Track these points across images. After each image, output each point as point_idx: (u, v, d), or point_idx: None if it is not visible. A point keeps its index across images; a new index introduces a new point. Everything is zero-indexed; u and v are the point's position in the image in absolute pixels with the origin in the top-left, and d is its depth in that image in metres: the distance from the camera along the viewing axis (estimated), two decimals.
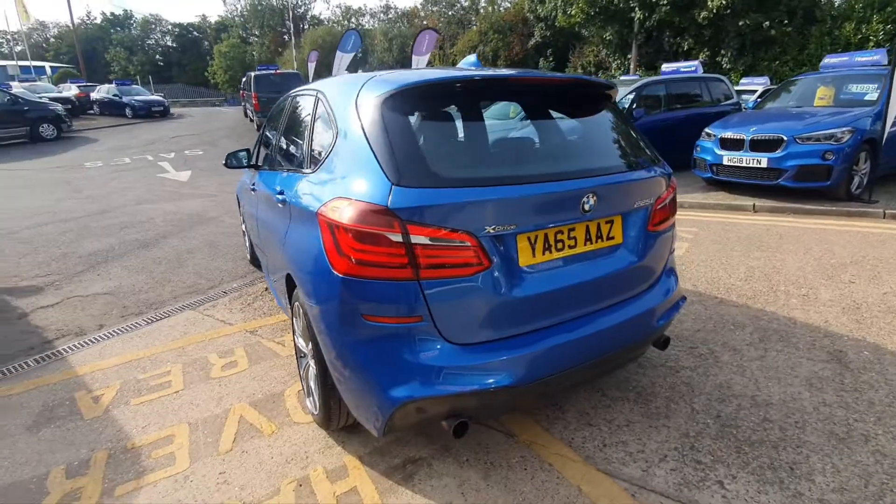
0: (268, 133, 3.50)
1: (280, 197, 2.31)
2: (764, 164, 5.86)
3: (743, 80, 12.26)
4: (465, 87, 1.86)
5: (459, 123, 1.90)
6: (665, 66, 9.03)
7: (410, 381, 1.61)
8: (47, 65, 33.72)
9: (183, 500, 1.92)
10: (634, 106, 7.53)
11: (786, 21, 14.38)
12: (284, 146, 2.74)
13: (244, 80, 20.12)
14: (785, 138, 5.67)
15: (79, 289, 4.34)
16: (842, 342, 2.85)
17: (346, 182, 1.71)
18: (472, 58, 2.12)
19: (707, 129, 6.70)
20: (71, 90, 21.70)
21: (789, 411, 2.26)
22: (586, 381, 2.35)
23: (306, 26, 48.74)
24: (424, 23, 34.26)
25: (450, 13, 34.65)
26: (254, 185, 3.30)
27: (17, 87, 17.83)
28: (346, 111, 1.84)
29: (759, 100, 7.64)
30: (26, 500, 1.95)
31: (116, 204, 7.75)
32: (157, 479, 2.03)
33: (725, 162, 6.29)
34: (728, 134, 6.26)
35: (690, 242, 4.87)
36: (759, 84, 10.38)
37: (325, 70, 21.42)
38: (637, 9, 15.98)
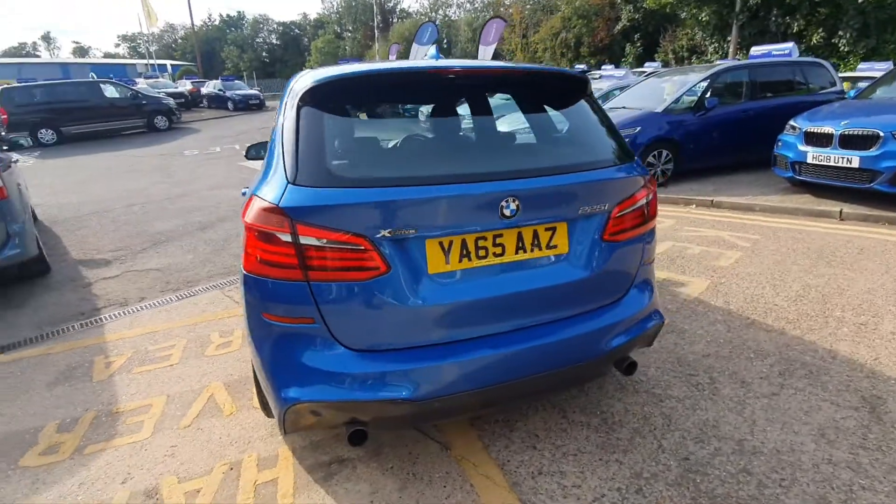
0: None
1: (244, 190, 2.39)
2: (855, 164, 4.93)
3: (861, 66, 10.33)
4: (386, 82, 1.77)
5: (374, 120, 1.81)
6: (754, 49, 7.92)
7: (302, 383, 1.59)
8: (169, 63, 38.44)
9: (131, 466, 2.09)
10: (707, 95, 6.74)
11: None
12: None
13: None
14: (882, 134, 4.70)
15: (137, 264, 4.90)
16: (885, 387, 2.32)
17: (265, 180, 1.71)
18: (432, 50, 2.00)
19: (791, 122, 5.79)
20: (186, 86, 24.51)
21: (779, 465, 1.89)
22: (518, 399, 2.16)
23: (395, 20, 50.17)
24: (510, 11, 33.52)
25: None
26: None
27: (140, 84, 20.53)
28: (282, 107, 1.84)
29: (863, 88, 6.41)
30: (19, 447, 2.25)
31: (195, 189, 8.62)
32: (121, 444, 2.24)
33: (809, 160, 5.39)
34: (814, 127, 5.35)
35: (744, 252, 4.27)
36: (879, 70, 8.66)
37: None
38: None
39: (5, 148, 5.50)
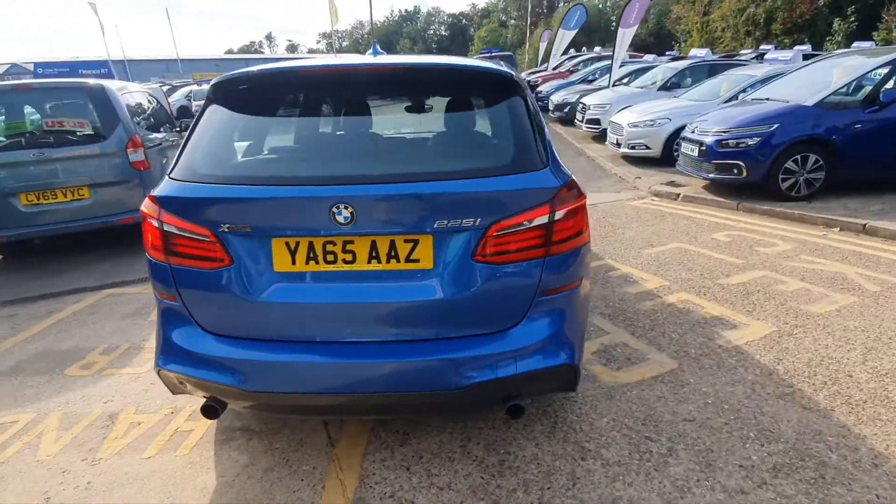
0: None
1: None
2: None
3: None
4: (273, 82, 1.78)
5: (256, 118, 1.84)
6: None
7: (167, 353, 1.79)
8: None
9: (117, 392, 2.61)
10: (890, 86, 5.04)
11: None
12: None
13: None
14: None
15: None
16: None
17: None
18: (370, 49, 1.96)
19: None
20: None
21: None
22: (364, 414, 2.01)
23: (561, 3, 48.29)
24: None
25: None
26: None
27: None
28: None
29: None
30: (72, 359, 2.98)
31: None
32: (125, 374, 2.80)
33: None
34: None
35: (861, 299, 3.18)
36: None
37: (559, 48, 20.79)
38: None
39: (177, 129, 7.01)
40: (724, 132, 5.67)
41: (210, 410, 1.79)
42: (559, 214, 1.64)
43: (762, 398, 2.27)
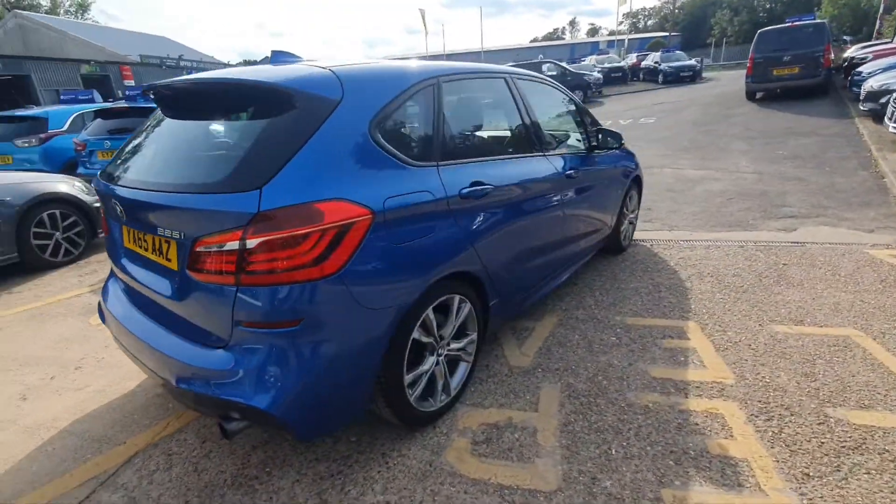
0: None
1: None
2: None
3: None
4: (160, 93, 2.10)
5: (146, 126, 2.18)
6: None
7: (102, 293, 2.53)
8: (627, 38, 39.85)
9: None
10: None
11: None
12: None
13: None
14: None
15: None
16: None
17: None
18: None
19: None
20: (631, 59, 25.62)
21: None
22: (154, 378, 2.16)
23: None
24: None
25: None
26: None
27: (589, 61, 23.18)
28: None
29: None
30: None
31: None
32: None
33: None
34: None
35: None
36: None
37: None
38: None
39: None
40: None
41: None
42: (252, 243, 1.50)
43: None
